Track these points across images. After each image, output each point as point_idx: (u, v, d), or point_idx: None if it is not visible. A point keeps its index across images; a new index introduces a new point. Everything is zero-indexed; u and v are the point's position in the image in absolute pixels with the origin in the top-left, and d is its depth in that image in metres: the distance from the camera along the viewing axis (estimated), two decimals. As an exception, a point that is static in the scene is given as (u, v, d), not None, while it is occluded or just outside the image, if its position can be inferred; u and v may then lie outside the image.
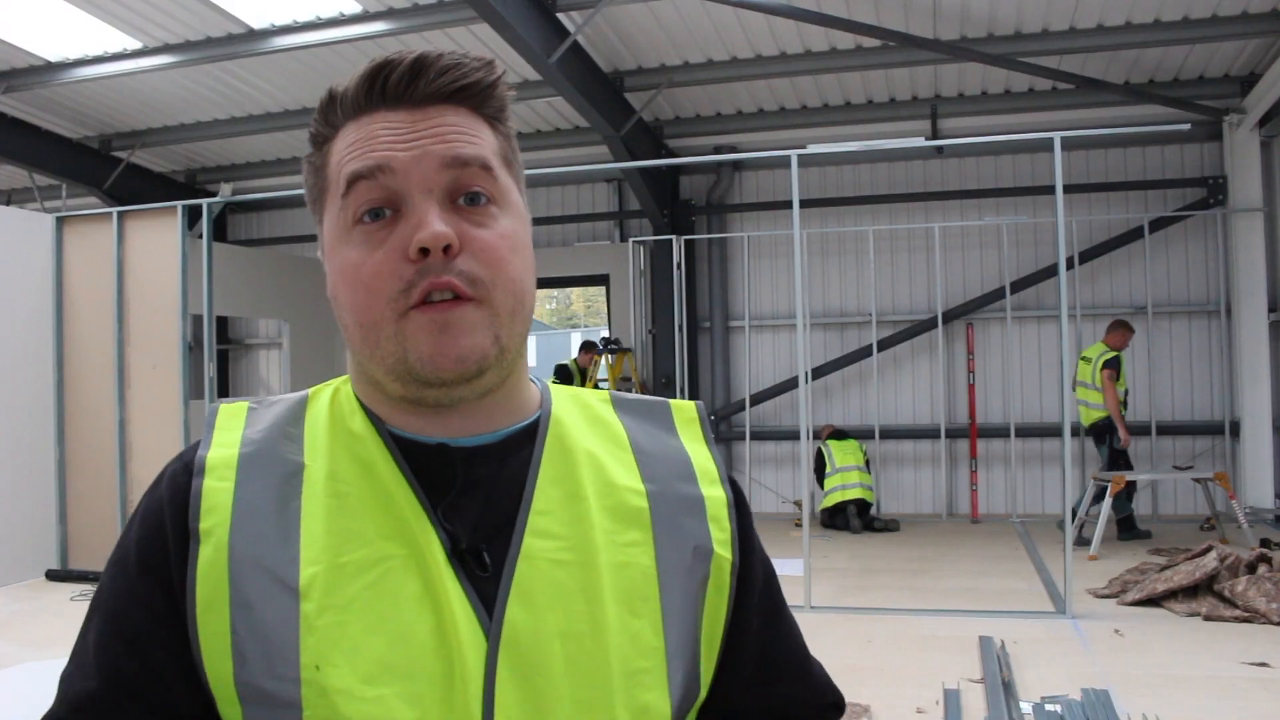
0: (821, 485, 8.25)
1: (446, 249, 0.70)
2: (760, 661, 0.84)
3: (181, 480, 0.76)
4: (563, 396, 0.85)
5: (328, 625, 0.70)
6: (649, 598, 0.76)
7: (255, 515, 0.73)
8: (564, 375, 9.38)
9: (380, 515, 0.73)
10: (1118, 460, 7.23)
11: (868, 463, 8.36)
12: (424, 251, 0.70)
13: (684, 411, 0.88)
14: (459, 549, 0.73)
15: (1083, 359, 7.48)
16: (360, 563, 0.72)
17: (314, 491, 0.74)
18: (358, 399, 0.79)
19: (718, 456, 0.86)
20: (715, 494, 0.83)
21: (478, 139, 0.74)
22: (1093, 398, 7.31)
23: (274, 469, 0.76)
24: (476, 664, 0.70)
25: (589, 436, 0.82)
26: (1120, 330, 7.35)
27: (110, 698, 0.71)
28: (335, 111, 0.76)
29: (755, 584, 0.85)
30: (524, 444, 0.79)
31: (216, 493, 0.74)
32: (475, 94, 0.75)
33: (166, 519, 0.74)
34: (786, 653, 0.87)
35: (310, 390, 0.83)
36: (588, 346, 9.60)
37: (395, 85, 0.73)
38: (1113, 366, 7.12)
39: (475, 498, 0.75)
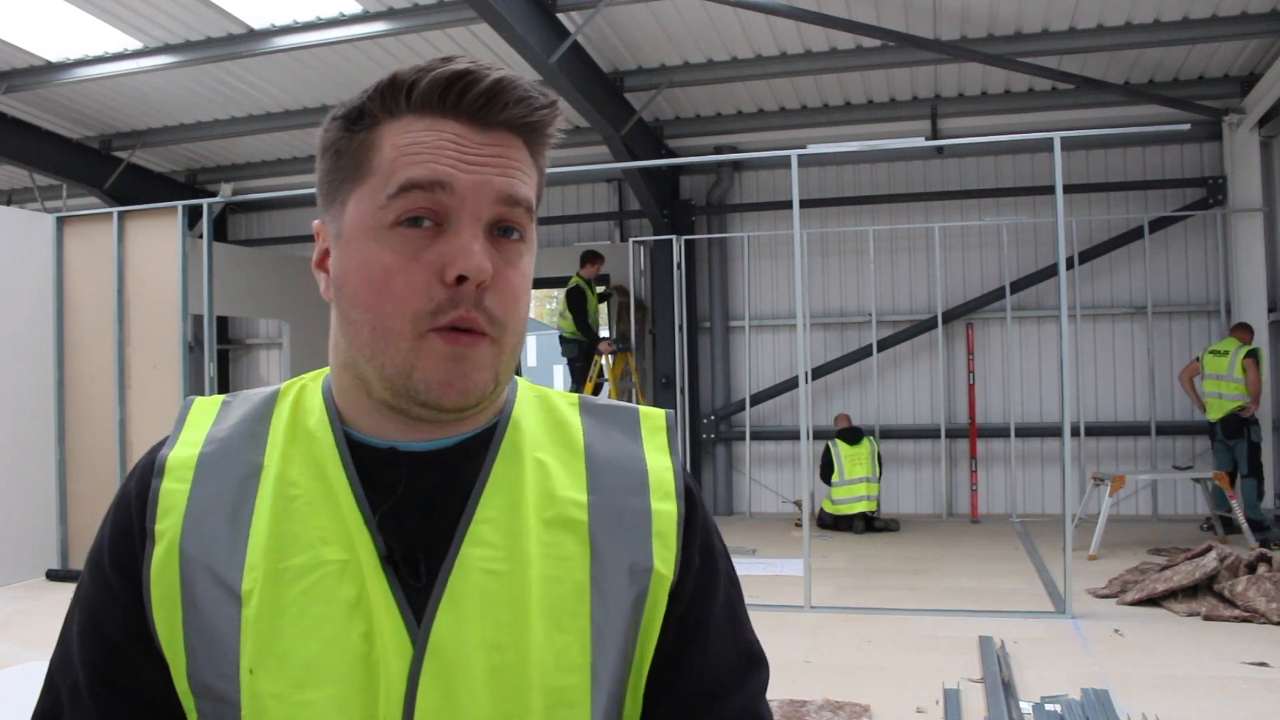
0: (827, 481, 8.24)
1: (480, 283, 0.70)
2: (699, 682, 0.80)
3: (147, 478, 0.77)
4: (528, 398, 0.84)
5: (264, 630, 0.71)
6: (579, 614, 0.74)
7: (207, 518, 0.75)
8: (577, 297, 8.63)
9: (324, 519, 0.74)
10: (1256, 456, 7.26)
11: (880, 466, 8.30)
12: (460, 279, 0.70)
13: (652, 420, 0.86)
14: (393, 556, 0.73)
15: (1213, 352, 7.41)
16: (299, 567, 0.72)
17: (266, 493, 0.75)
18: (324, 396, 0.79)
19: (679, 469, 0.83)
20: (665, 509, 0.80)
21: (530, 178, 0.75)
22: (1227, 389, 7.27)
23: (232, 470, 0.77)
24: (400, 672, 0.70)
25: (544, 442, 0.81)
26: (1247, 329, 7.43)
27: (94, 690, 0.74)
28: (398, 99, 0.73)
29: (708, 604, 0.81)
30: (477, 450, 0.78)
31: (172, 494, 0.76)
32: (534, 130, 0.75)
33: (134, 516, 0.76)
34: (729, 674, 0.81)
35: (282, 385, 0.83)
36: (591, 257, 8.67)
37: (473, 101, 0.72)
38: (1254, 357, 7.19)
39: (420, 503, 0.75)
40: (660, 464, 0.83)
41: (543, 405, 0.84)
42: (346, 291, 0.74)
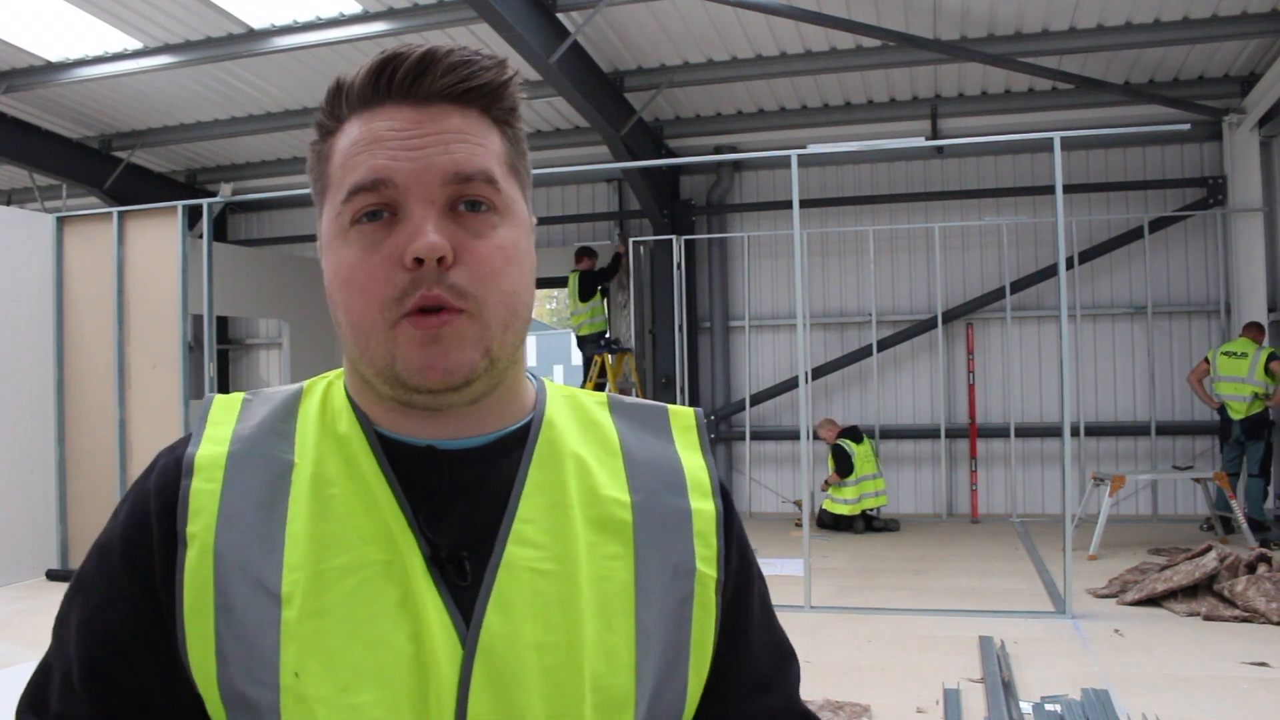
0: (844, 477, 8.16)
1: (440, 260, 0.69)
2: (746, 676, 0.83)
3: (171, 476, 0.75)
4: (558, 398, 0.84)
5: (308, 632, 0.69)
6: (625, 613, 0.74)
7: (241, 519, 0.72)
8: (590, 279, 8.90)
9: (364, 519, 0.73)
10: (1269, 457, 7.20)
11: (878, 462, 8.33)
12: (419, 260, 0.69)
13: (681, 418, 0.86)
14: (438, 556, 0.72)
15: (1225, 354, 7.25)
16: (342, 568, 0.71)
17: (300, 493, 0.74)
18: (348, 396, 0.79)
19: (713, 467, 0.84)
20: (704, 508, 0.81)
21: (483, 147, 0.73)
22: (1246, 391, 7.16)
23: (262, 469, 0.75)
24: (451, 673, 0.69)
25: (580, 441, 0.80)
26: (1260, 329, 7.35)
27: (91, 685, 0.72)
28: (340, 104, 0.74)
29: (747, 600, 0.84)
30: (513, 448, 0.78)
31: (203, 495, 0.73)
32: (484, 95, 0.73)
33: (153, 515, 0.74)
34: (770, 667, 0.86)
35: (306, 383, 0.82)
36: (586, 252, 8.98)
37: (402, 81, 0.72)
38: (1278, 360, 7.09)
39: (460, 502, 0.74)
40: (695, 463, 0.83)
41: (573, 405, 0.84)
42: (330, 297, 0.75)
